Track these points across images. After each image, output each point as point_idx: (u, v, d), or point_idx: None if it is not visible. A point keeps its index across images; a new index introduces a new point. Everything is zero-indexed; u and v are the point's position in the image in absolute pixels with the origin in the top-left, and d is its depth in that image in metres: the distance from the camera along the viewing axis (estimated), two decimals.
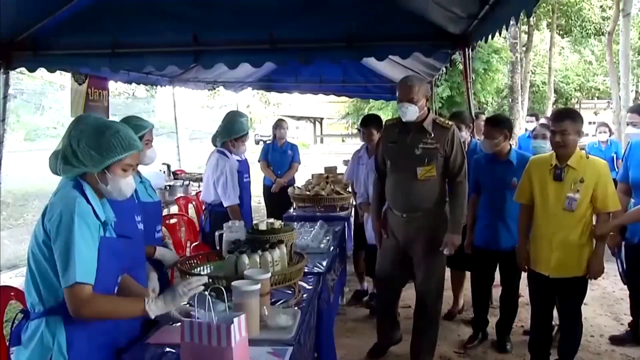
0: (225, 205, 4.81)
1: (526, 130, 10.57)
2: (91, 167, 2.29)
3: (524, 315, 4.85)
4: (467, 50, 5.01)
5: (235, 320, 2.08)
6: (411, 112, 3.86)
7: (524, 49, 25.32)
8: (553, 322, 4.08)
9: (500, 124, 4.39)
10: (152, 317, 2.31)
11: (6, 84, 5.34)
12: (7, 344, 2.59)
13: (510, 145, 4.49)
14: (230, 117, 5.02)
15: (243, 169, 5.03)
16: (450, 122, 4.05)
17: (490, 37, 4.25)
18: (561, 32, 31.48)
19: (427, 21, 4.81)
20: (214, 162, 4.89)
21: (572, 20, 29.75)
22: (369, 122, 5.43)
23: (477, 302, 4.76)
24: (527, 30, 26.44)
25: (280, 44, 5.06)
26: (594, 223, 3.74)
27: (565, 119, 3.62)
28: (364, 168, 5.44)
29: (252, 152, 9.49)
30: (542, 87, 31.68)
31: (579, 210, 3.63)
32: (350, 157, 5.88)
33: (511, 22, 3.59)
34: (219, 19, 4.91)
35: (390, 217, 4.16)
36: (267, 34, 4.98)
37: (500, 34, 4.11)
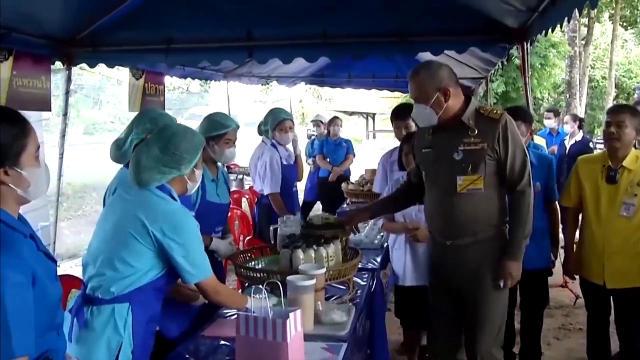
0: (265, 193, 4.79)
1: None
2: (184, 170, 2.44)
3: (582, 318, 4.69)
4: (525, 44, 4.84)
5: (291, 315, 2.09)
6: (421, 115, 2.93)
7: (583, 42, 24.54)
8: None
9: (526, 117, 3.81)
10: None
11: (68, 80, 5.60)
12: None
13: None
14: (271, 109, 5.09)
15: (288, 160, 4.95)
16: (500, 111, 2.94)
17: (550, 30, 4.09)
18: (625, 24, 30.36)
19: (484, 15, 4.69)
20: (258, 152, 4.94)
21: (637, 10, 28.66)
22: (406, 113, 3.97)
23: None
24: (587, 22, 25.60)
25: (333, 38, 5.05)
26: None
27: (625, 111, 3.38)
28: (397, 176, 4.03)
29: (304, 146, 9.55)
30: (602, 82, 30.63)
31: (637, 216, 3.33)
32: (379, 162, 4.70)
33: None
34: (272, 14, 4.94)
35: (433, 246, 3.22)
36: (321, 29, 4.99)
37: (561, 27, 3.96)
